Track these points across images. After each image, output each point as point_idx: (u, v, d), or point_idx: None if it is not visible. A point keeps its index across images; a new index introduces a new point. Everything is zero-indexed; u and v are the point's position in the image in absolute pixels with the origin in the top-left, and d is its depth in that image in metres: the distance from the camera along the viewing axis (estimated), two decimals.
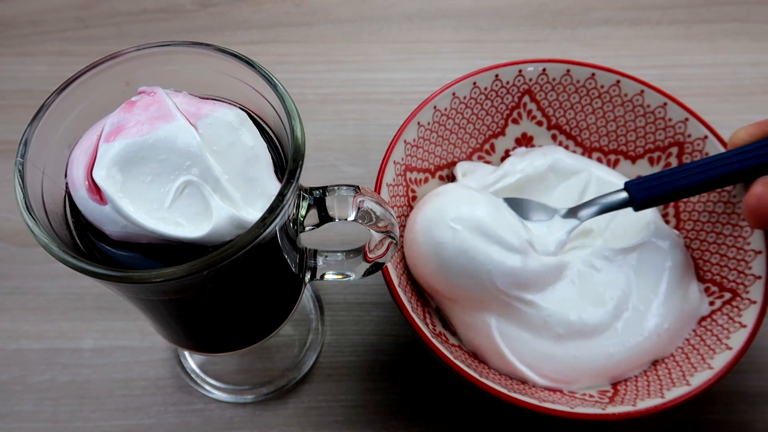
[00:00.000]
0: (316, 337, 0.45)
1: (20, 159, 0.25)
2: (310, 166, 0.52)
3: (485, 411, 0.42)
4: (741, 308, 0.37)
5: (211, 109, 0.27)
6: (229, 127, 0.27)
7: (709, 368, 0.35)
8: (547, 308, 0.38)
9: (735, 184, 0.38)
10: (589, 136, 0.46)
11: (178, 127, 0.26)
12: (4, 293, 0.47)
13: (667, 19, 0.61)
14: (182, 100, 0.28)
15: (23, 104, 0.54)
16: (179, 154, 0.25)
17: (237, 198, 0.26)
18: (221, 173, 0.26)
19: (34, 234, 0.24)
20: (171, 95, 0.28)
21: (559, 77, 0.45)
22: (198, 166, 0.26)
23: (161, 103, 0.27)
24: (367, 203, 0.29)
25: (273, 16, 0.61)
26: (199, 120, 0.27)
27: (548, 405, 0.34)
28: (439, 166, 0.45)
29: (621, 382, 0.38)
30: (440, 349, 0.34)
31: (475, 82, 0.44)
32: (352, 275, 0.34)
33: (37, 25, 0.60)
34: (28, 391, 0.43)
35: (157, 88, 0.28)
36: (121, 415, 0.42)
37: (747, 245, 0.39)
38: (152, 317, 0.32)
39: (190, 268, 0.23)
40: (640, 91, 0.44)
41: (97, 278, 0.23)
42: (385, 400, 0.43)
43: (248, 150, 0.27)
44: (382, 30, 0.61)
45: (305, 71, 0.57)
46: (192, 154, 0.25)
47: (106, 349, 0.44)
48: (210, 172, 0.26)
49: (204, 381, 0.43)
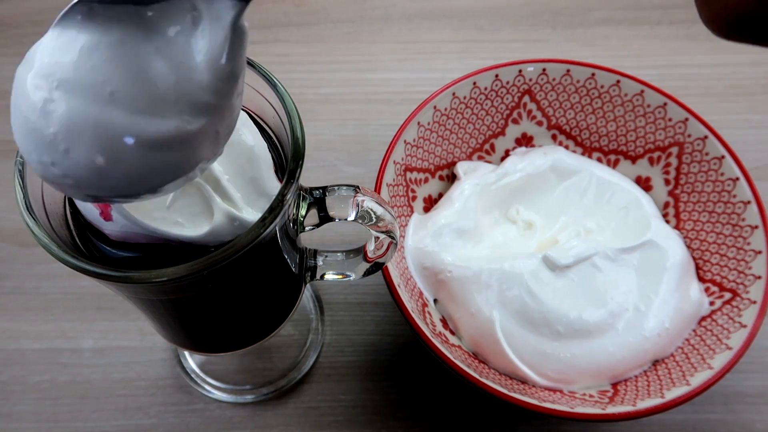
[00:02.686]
0: (316, 337, 0.45)
1: (20, 159, 0.25)
2: (310, 166, 0.52)
3: (485, 411, 0.42)
4: (741, 308, 0.37)
5: None
6: None
7: (709, 368, 0.35)
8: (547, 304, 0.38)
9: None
10: (589, 136, 0.46)
11: None
12: (4, 293, 0.46)
13: (667, 19, 0.61)
14: None
15: None
16: None
17: (237, 198, 0.26)
18: (221, 173, 0.26)
19: (34, 234, 0.24)
20: None
21: (559, 77, 0.45)
22: None
23: None
24: (367, 203, 0.29)
25: (273, 16, 0.61)
26: None
27: (548, 405, 0.34)
28: (439, 166, 0.45)
29: (621, 382, 0.38)
30: (440, 349, 0.34)
31: (475, 82, 0.44)
32: (352, 275, 0.34)
33: (37, 25, 0.60)
34: (28, 391, 0.43)
35: None
36: (121, 415, 0.42)
37: (747, 245, 0.39)
38: (152, 317, 0.32)
39: (190, 268, 0.23)
40: (640, 91, 0.44)
41: (97, 278, 0.23)
42: (385, 400, 0.43)
43: (248, 150, 0.27)
44: (382, 30, 0.61)
45: (305, 71, 0.57)
46: None
47: (106, 349, 0.44)
48: (210, 172, 0.26)
49: (204, 381, 0.43)
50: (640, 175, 0.45)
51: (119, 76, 0.19)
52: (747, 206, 0.39)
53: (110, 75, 0.19)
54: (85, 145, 0.19)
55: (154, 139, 0.19)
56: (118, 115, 0.19)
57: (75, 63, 0.19)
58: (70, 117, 0.19)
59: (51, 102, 0.19)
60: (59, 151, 0.19)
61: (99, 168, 0.19)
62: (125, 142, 0.19)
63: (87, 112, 0.19)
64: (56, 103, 0.19)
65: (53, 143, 0.19)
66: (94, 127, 0.19)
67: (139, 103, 0.19)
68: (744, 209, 0.40)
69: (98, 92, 0.19)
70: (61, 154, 0.19)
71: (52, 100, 0.19)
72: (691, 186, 0.43)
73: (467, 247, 0.41)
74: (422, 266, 0.40)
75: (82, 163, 0.19)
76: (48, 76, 0.19)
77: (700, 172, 0.42)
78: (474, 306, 0.38)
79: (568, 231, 0.42)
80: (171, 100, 0.19)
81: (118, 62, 0.19)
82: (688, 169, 0.43)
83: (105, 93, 0.19)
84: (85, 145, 0.19)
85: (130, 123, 0.19)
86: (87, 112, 0.19)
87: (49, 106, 0.19)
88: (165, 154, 0.20)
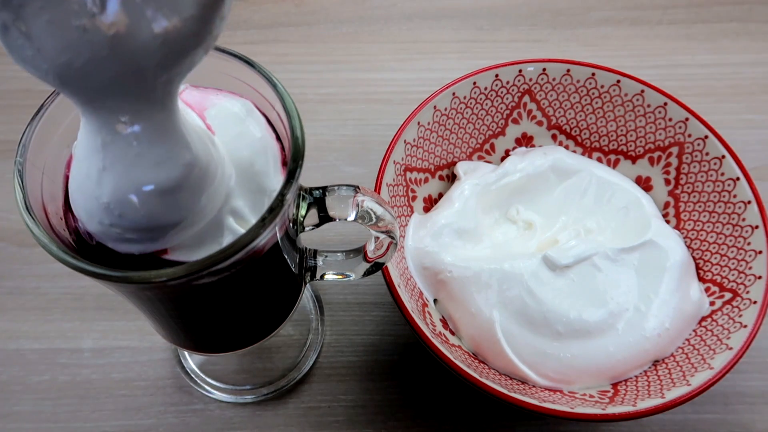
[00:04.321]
0: (316, 337, 0.45)
1: (20, 159, 0.25)
2: (310, 166, 0.51)
3: (485, 411, 0.42)
4: (741, 308, 0.37)
5: (216, 99, 0.27)
6: (235, 118, 0.27)
7: (709, 368, 0.35)
8: (547, 304, 0.38)
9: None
10: (589, 136, 0.46)
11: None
12: (4, 293, 0.46)
13: (667, 19, 0.61)
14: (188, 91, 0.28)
15: (23, 104, 0.54)
16: None
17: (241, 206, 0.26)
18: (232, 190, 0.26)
19: (34, 234, 0.24)
20: None
21: (559, 77, 0.45)
22: None
23: None
24: (367, 203, 0.29)
25: (273, 16, 0.61)
26: (204, 111, 0.27)
27: (548, 405, 0.34)
28: (439, 166, 0.45)
29: (621, 382, 0.38)
30: (440, 349, 0.34)
31: (475, 82, 0.44)
32: (352, 275, 0.34)
33: None
34: (28, 391, 0.43)
35: None
36: (121, 415, 0.42)
37: (747, 245, 0.39)
38: (152, 317, 0.32)
39: (190, 268, 0.23)
40: (640, 91, 0.44)
41: (97, 278, 0.23)
42: (385, 400, 0.43)
43: (256, 141, 0.27)
44: (382, 30, 0.61)
45: (305, 71, 0.57)
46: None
47: (106, 349, 0.44)
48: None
49: (204, 381, 0.43)
50: (640, 175, 0.45)
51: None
52: (747, 206, 0.39)
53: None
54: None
55: (168, 186, 0.22)
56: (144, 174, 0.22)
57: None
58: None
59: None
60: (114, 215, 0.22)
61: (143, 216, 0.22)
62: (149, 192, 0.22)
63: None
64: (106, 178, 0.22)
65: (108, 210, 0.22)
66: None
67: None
68: (744, 209, 0.40)
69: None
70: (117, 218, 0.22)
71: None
72: (692, 186, 0.43)
73: (467, 247, 0.41)
74: (422, 266, 0.40)
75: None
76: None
77: (700, 172, 0.42)
78: (474, 306, 0.38)
79: (568, 231, 0.42)
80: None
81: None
82: (689, 169, 0.43)
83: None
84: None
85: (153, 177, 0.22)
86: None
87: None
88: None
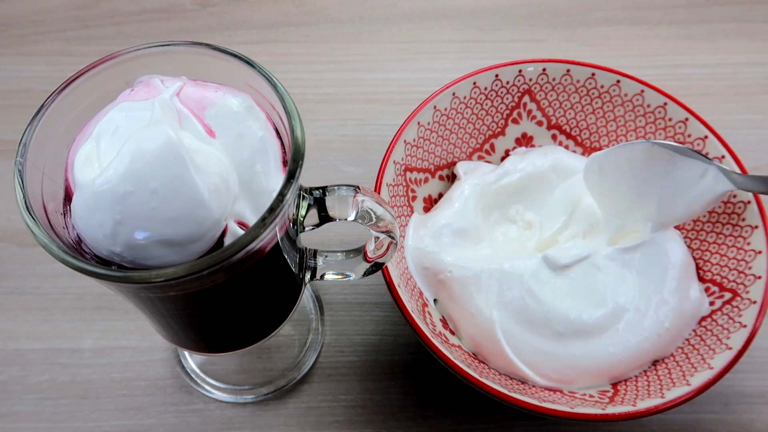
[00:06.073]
0: (316, 337, 0.45)
1: (20, 159, 0.25)
2: (310, 166, 0.51)
3: (485, 411, 0.42)
4: (741, 308, 0.37)
5: (216, 97, 0.27)
6: (236, 117, 0.27)
7: (709, 368, 0.35)
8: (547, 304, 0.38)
9: None
10: (589, 136, 0.46)
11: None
12: (4, 293, 0.46)
13: (667, 19, 0.61)
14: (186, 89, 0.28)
15: (23, 104, 0.54)
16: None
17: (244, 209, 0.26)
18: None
19: (34, 234, 0.24)
20: (168, 82, 0.27)
21: (559, 77, 0.45)
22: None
23: (155, 89, 0.27)
24: (367, 203, 0.29)
25: (273, 16, 0.61)
26: (204, 110, 0.27)
27: (548, 405, 0.34)
28: (439, 166, 0.45)
29: (621, 382, 0.38)
30: (440, 349, 0.34)
31: (475, 82, 0.44)
32: (352, 275, 0.34)
33: (37, 25, 0.60)
34: (28, 391, 0.43)
35: (154, 78, 0.28)
36: (121, 415, 0.42)
37: (747, 245, 0.39)
38: (152, 317, 0.32)
39: (190, 268, 0.23)
40: (640, 91, 0.44)
41: (97, 278, 0.23)
42: (385, 400, 0.43)
43: (257, 141, 0.27)
44: (382, 30, 0.61)
45: (305, 71, 0.57)
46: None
47: (106, 349, 0.44)
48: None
49: (204, 381, 0.43)
50: None
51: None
52: (747, 206, 0.39)
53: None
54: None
55: (180, 241, 0.24)
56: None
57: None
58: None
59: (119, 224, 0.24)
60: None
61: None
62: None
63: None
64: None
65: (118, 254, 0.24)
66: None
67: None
68: (744, 209, 0.40)
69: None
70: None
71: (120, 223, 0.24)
72: None
73: (467, 247, 0.41)
74: (422, 266, 0.40)
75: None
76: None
77: None
78: (474, 306, 0.38)
79: (568, 231, 0.42)
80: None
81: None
82: None
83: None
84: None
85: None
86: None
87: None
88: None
